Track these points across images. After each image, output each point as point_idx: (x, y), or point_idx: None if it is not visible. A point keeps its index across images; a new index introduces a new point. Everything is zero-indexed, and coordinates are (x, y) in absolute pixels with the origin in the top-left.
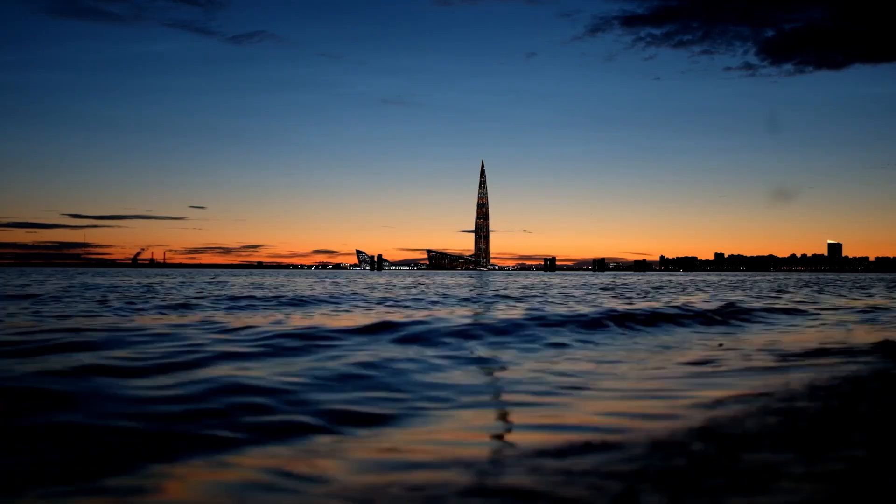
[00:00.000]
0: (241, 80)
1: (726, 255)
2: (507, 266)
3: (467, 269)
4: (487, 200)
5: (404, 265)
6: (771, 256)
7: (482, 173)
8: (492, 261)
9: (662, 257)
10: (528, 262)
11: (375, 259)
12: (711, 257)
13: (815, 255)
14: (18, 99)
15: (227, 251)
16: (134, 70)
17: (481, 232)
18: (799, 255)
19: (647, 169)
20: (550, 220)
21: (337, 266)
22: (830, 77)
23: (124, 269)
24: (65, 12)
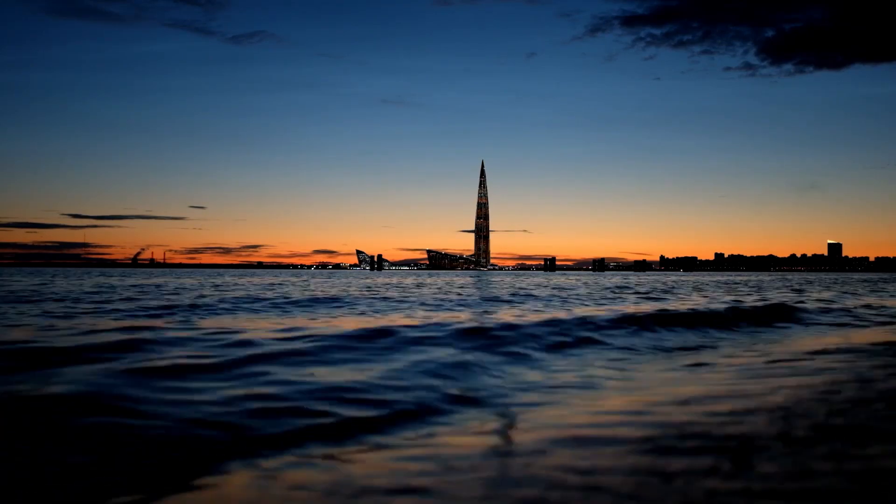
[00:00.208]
0: (241, 80)
1: (726, 255)
2: (507, 266)
3: (467, 269)
4: (487, 200)
5: (404, 265)
6: (771, 256)
7: (482, 173)
8: (492, 261)
9: (662, 257)
10: (527, 262)
11: (375, 259)
12: (711, 257)
13: (815, 255)
14: (18, 99)
15: (227, 251)
16: (134, 70)
17: (481, 232)
18: (799, 255)
19: (647, 169)
20: (550, 220)
21: (337, 266)
22: (830, 77)
23: (126, 269)
24: (65, 12)
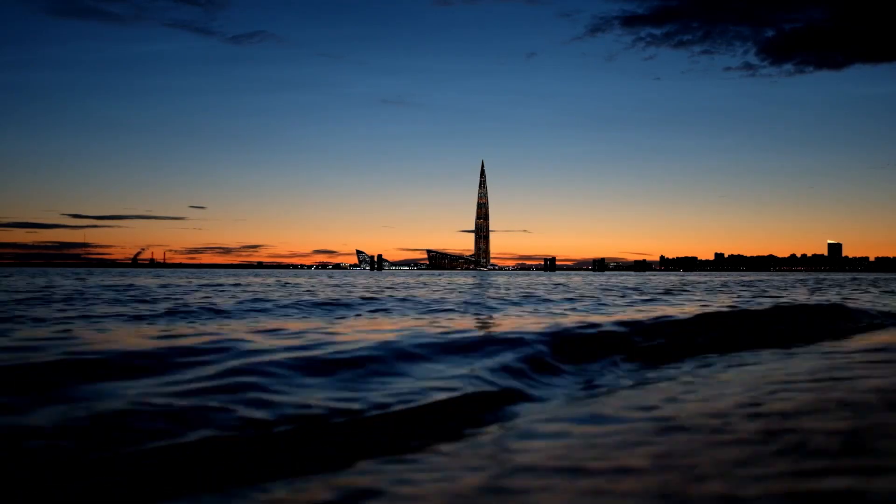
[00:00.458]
0: (241, 80)
1: (726, 255)
2: (507, 266)
3: (467, 268)
4: (487, 200)
5: (404, 265)
6: (771, 256)
7: (482, 173)
8: (492, 261)
9: (662, 257)
10: (527, 262)
11: (375, 259)
12: (711, 257)
13: (815, 255)
14: (18, 99)
15: (227, 251)
16: (134, 70)
17: (481, 232)
18: (799, 255)
19: (647, 169)
20: (550, 220)
21: (337, 266)
22: (830, 77)
23: (126, 269)
24: (65, 12)
